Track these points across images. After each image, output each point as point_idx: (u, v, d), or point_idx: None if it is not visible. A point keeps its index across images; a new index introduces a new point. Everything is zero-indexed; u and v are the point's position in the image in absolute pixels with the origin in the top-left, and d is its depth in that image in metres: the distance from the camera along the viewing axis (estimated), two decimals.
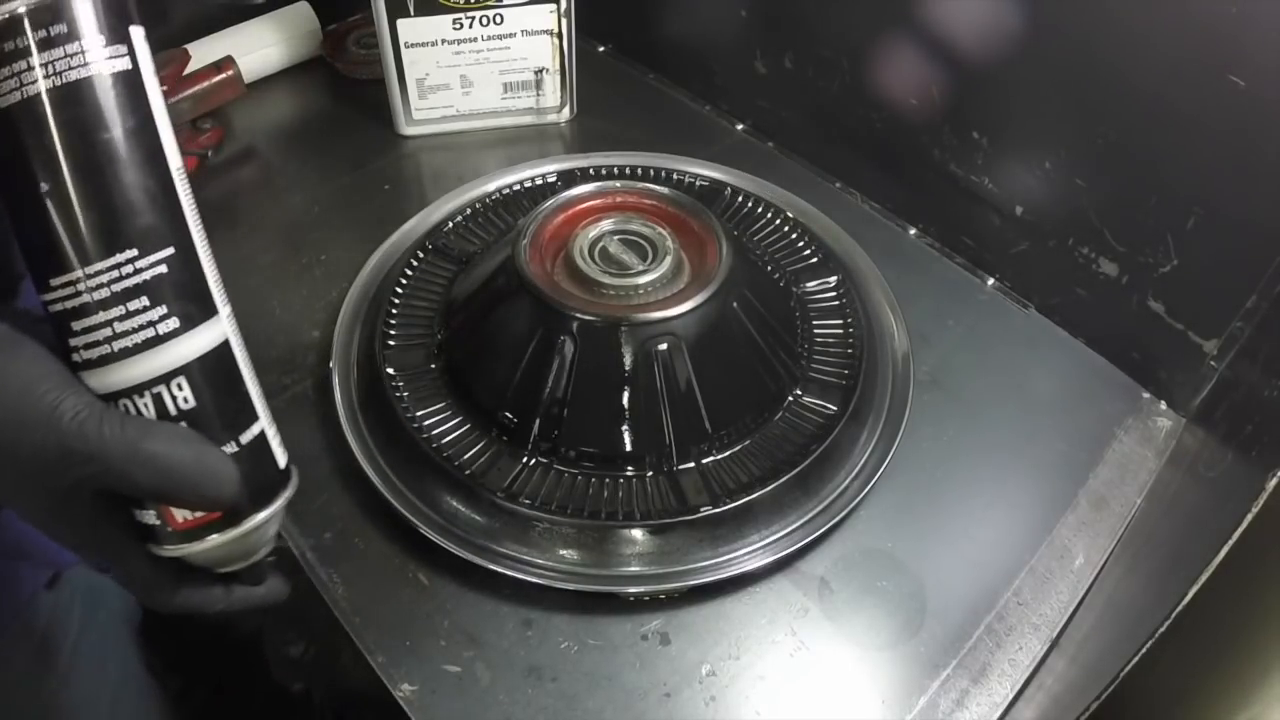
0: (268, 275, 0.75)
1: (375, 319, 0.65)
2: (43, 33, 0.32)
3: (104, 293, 0.34)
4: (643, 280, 0.59)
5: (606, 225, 0.63)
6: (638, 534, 0.55)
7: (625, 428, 0.57)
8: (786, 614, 0.55)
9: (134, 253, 0.34)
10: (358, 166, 0.87)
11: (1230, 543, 0.40)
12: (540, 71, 0.88)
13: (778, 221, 0.74)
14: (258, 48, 0.95)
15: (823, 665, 0.53)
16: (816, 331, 0.66)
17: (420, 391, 0.61)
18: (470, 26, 0.84)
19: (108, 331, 0.34)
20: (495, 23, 0.84)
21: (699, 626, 0.54)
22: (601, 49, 1.04)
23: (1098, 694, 0.42)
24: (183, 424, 0.36)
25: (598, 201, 0.65)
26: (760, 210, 0.75)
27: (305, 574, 0.56)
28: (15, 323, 0.35)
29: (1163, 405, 0.68)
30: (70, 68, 0.33)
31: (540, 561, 0.54)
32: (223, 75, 0.86)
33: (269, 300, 0.73)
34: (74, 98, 0.33)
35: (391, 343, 0.64)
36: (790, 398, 0.62)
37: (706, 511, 0.55)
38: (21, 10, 0.32)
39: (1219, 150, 0.58)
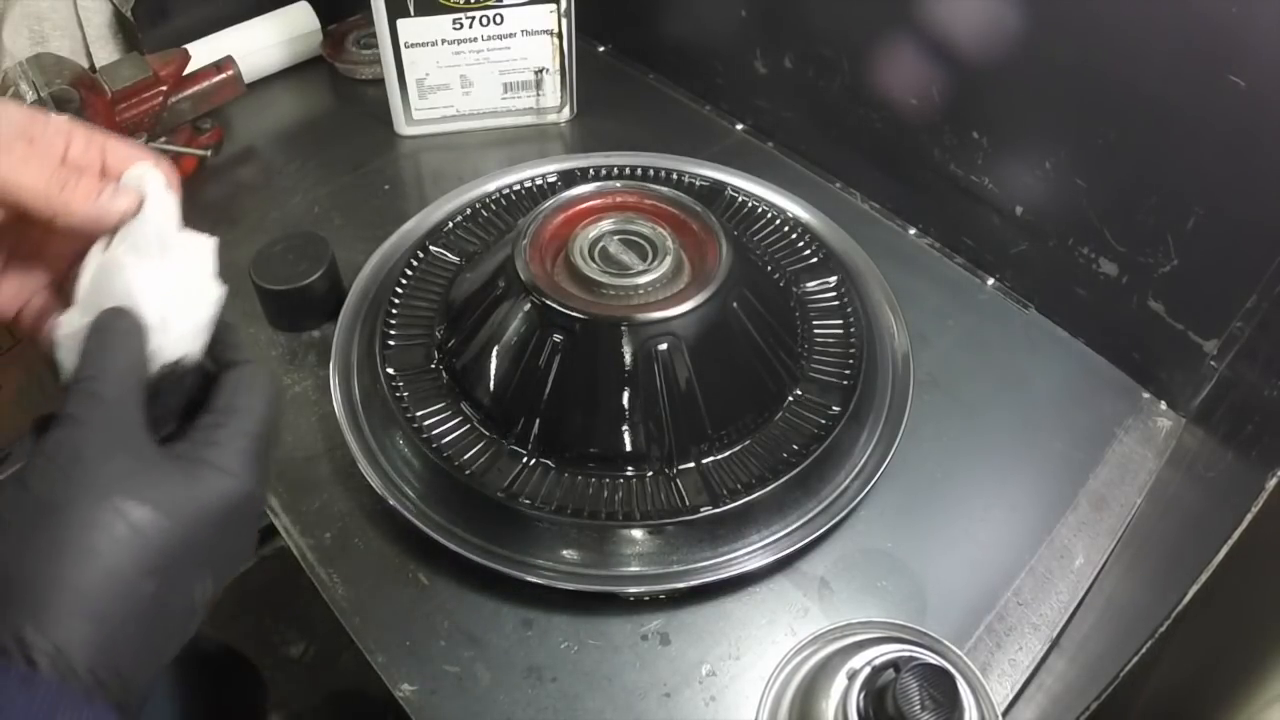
0: None
1: (375, 319, 0.65)
2: None
3: None
4: (643, 280, 0.59)
5: (606, 225, 0.63)
6: (638, 534, 0.55)
7: (625, 428, 0.57)
8: (786, 614, 0.55)
9: None
10: (358, 166, 0.87)
11: (1230, 543, 0.40)
12: (540, 71, 0.88)
13: (778, 221, 0.74)
14: (258, 48, 0.95)
15: None
16: (816, 331, 0.66)
17: (420, 391, 0.61)
18: (470, 26, 0.84)
19: None
20: (495, 23, 0.84)
21: (699, 626, 0.55)
22: (601, 49, 1.04)
23: (1098, 694, 0.42)
24: None
25: (598, 201, 0.65)
26: (760, 210, 0.75)
27: (305, 574, 0.56)
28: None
29: (1163, 405, 0.68)
30: None
31: (540, 561, 0.54)
32: (223, 75, 0.86)
33: None
34: None
35: (391, 343, 0.64)
36: (790, 398, 0.62)
37: (706, 511, 0.55)
38: None
39: (1219, 150, 0.58)
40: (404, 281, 0.68)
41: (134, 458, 0.34)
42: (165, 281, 0.38)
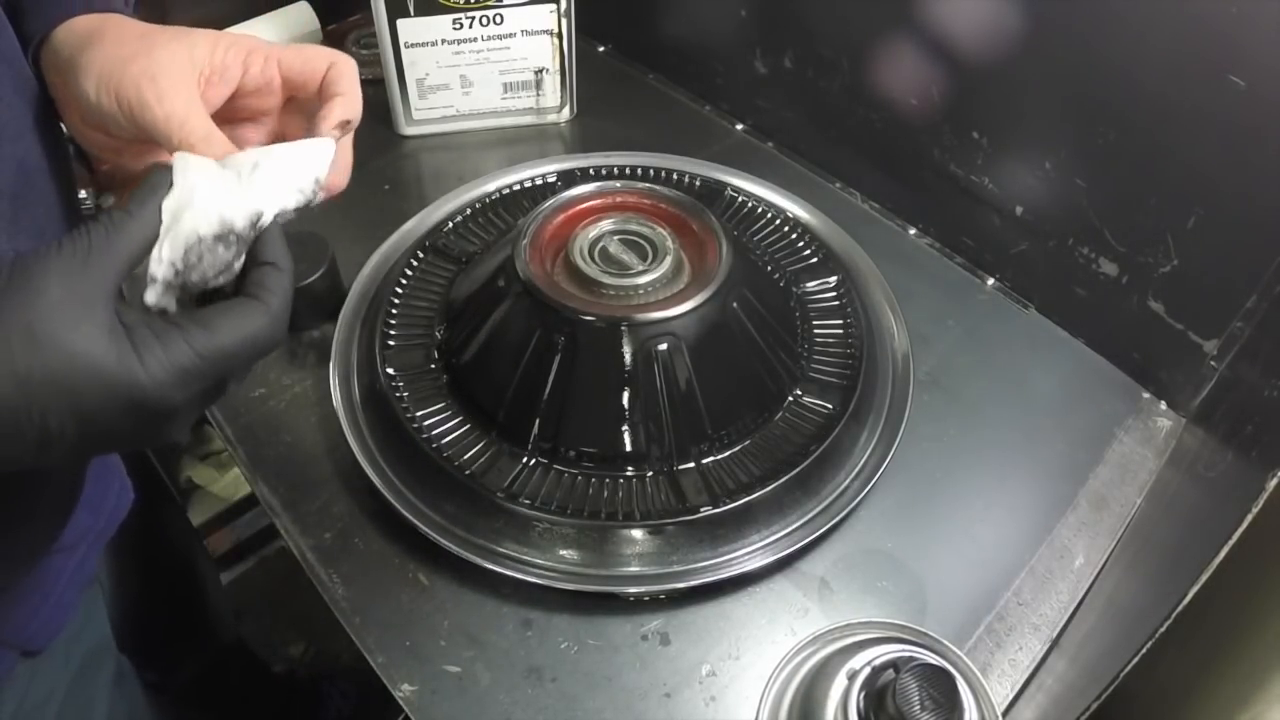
0: None
1: (375, 319, 0.65)
2: None
3: None
4: (643, 280, 0.59)
5: (606, 225, 0.63)
6: (638, 534, 0.55)
7: (625, 428, 0.57)
8: (786, 614, 0.55)
9: None
10: (358, 166, 0.86)
11: (1230, 543, 0.40)
12: (540, 71, 0.88)
13: (778, 221, 0.74)
14: None
15: None
16: (816, 331, 0.66)
17: (420, 391, 0.61)
18: (470, 26, 0.84)
19: None
20: (495, 23, 0.84)
21: (699, 626, 0.55)
22: (601, 49, 1.04)
23: (1098, 694, 0.42)
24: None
25: (598, 201, 0.65)
26: (760, 210, 0.75)
27: (305, 574, 0.56)
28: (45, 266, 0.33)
29: (1163, 405, 0.68)
30: None
31: (540, 561, 0.54)
32: None
33: None
34: None
35: (391, 343, 0.64)
36: (790, 398, 0.62)
37: (706, 511, 0.55)
38: None
39: (1219, 150, 0.58)
40: (404, 281, 0.68)
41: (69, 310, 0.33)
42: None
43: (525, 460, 0.58)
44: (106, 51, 0.42)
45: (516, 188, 0.77)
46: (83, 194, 0.87)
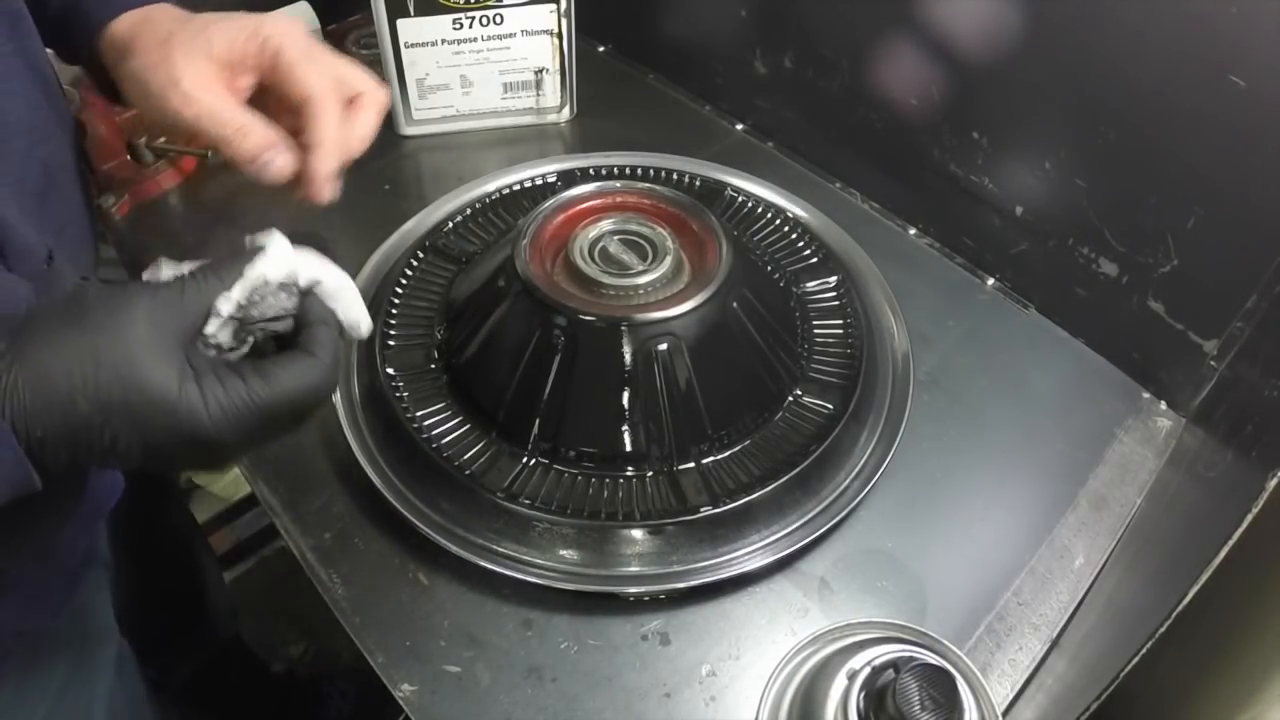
0: None
1: (375, 319, 0.65)
2: None
3: None
4: (643, 280, 0.59)
5: (606, 225, 0.63)
6: (638, 534, 0.55)
7: (625, 428, 0.57)
8: (786, 614, 0.55)
9: None
10: (358, 166, 0.86)
11: (1230, 543, 0.40)
12: (540, 71, 0.88)
13: (778, 221, 0.74)
14: None
15: None
16: (816, 331, 0.66)
17: (420, 391, 0.61)
18: (470, 26, 0.84)
19: None
20: (495, 23, 0.84)
21: (699, 626, 0.55)
22: (601, 49, 1.04)
23: (1098, 694, 0.42)
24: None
25: (598, 201, 0.65)
26: (760, 210, 0.75)
27: (305, 574, 0.56)
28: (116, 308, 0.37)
29: (1163, 405, 0.68)
30: None
31: (540, 561, 0.54)
32: None
33: None
34: None
35: (391, 343, 0.64)
36: (790, 398, 0.62)
37: (706, 511, 0.55)
38: None
39: (1219, 150, 0.58)
40: (404, 281, 0.68)
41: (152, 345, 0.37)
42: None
43: (525, 460, 0.58)
44: (134, 64, 0.45)
45: (516, 188, 0.77)
46: None
